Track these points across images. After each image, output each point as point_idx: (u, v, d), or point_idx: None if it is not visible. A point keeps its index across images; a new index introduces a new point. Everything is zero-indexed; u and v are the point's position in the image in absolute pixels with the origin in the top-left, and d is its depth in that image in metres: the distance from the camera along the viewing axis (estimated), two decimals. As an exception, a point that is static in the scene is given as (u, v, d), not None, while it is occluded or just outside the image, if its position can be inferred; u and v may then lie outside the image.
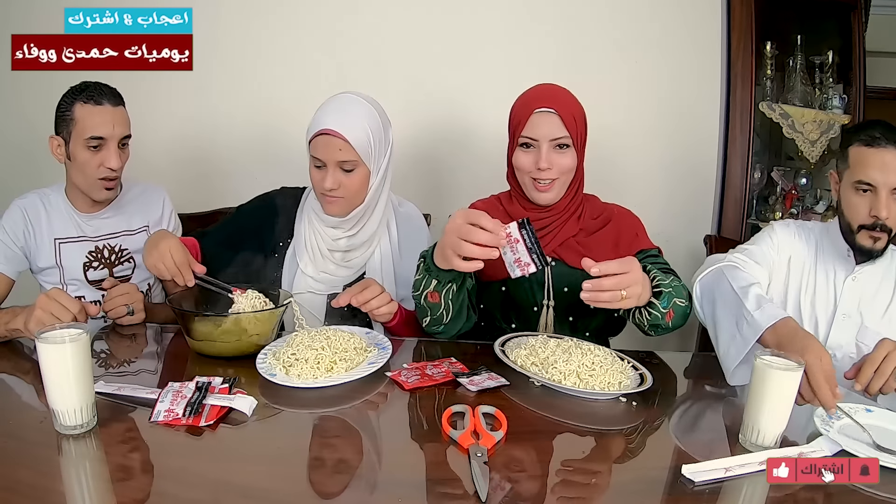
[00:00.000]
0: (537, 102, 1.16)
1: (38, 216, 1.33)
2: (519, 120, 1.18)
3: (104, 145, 1.26)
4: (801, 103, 2.07)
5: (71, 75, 1.47)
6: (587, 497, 0.70)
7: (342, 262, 1.28)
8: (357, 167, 1.18)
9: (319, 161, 1.18)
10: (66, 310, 0.99)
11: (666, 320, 1.06)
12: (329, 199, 1.20)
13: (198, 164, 1.91)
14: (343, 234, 1.26)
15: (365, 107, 1.20)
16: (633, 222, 1.29)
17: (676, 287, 1.08)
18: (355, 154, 1.16)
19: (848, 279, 1.23)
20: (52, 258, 1.32)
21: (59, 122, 1.27)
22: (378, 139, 1.20)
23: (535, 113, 1.15)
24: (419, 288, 1.10)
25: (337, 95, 1.21)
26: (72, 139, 1.26)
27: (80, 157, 1.26)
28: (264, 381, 0.92)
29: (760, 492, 0.71)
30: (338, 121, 1.15)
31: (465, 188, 1.93)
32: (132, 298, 1.18)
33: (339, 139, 1.15)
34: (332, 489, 0.69)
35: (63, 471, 0.70)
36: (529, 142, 1.17)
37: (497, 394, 0.93)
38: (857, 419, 0.84)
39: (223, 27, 1.87)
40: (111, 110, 1.27)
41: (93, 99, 1.25)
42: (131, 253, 1.39)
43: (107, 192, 1.32)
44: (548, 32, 1.94)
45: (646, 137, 2.00)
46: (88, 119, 1.25)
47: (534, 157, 1.17)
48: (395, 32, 1.91)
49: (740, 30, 1.98)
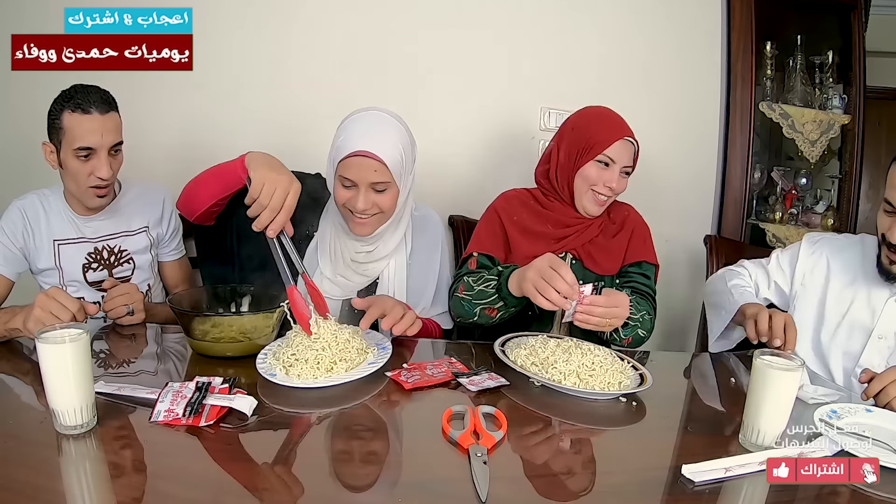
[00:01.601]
0: (625, 131, 1.31)
1: (37, 217, 1.32)
2: (602, 139, 1.29)
3: (94, 155, 1.23)
4: (801, 103, 2.07)
5: (71, 75, 1.47)
6: (587, 497, 0.70)
7: (359, 270, 1.27)
8: (389, 187, 1.15)
9: (350, 181, 1.13)
10: (65, 308, 0.98)
11: (623, 343, 1.21)
12: (360, 221, 1.17)
13: (197, 165, 1.90)
14: (364, 248, 1.24)
15: (395, 125, 1.17)
16: (640, 232, 1.39)
17: (643, 321, 1.21)
18: (389, 174, 1.13)
19: (890, 300, 1.17)
20: (51, 259, 1.32)
21: (50, 128, 1.25)
22: (408, 157, 1.18)
23: (622, 140, 1.29)
24: (480, 298, 1.21)
25: (362, 115, 1.18)
26: (62, 148, 1.23)
27: (70, 165, 1.24)
28: (264, 381, 0.91)
29: (760, 492, 0.71)
30: (371, 142, 1.11)
31: (467, 188, 1.94)
32: (132, 298, 1.18)
33: (374, 160, 1.11)
34: (332, 489, 0.69)
35: (63, 471, 0.70)
36: (609, 161, 1.29)
37: (497, 394, 0.93)
38: (858, 419, 0.84)
39: (223, 27, 1.87)
40: (100, 118, 1.22)
41: (80, 107, 1.21)
42: (131, 254, 1.39)
43: (99, 199, 1.29)
44: (548, 35, 1.94)
45: (645, 137, 1.99)
46: (77, 129, 1.21)
47: (608, 176, 1.30)
48: (395, 32, 1.91)
49: (740, 30, 1.98)
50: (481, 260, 1.32)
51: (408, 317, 1.11)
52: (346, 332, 1.00)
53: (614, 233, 1.36)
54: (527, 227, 1.35)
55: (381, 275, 1.28)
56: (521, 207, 1.38)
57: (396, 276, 1.29)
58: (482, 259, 1.32)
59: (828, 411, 0.87)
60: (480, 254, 1.32)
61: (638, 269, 1.35)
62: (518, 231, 1.35)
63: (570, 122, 1.37)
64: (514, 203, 1.39)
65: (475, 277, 1.24)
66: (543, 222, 1.35)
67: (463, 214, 1.86)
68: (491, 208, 1.41)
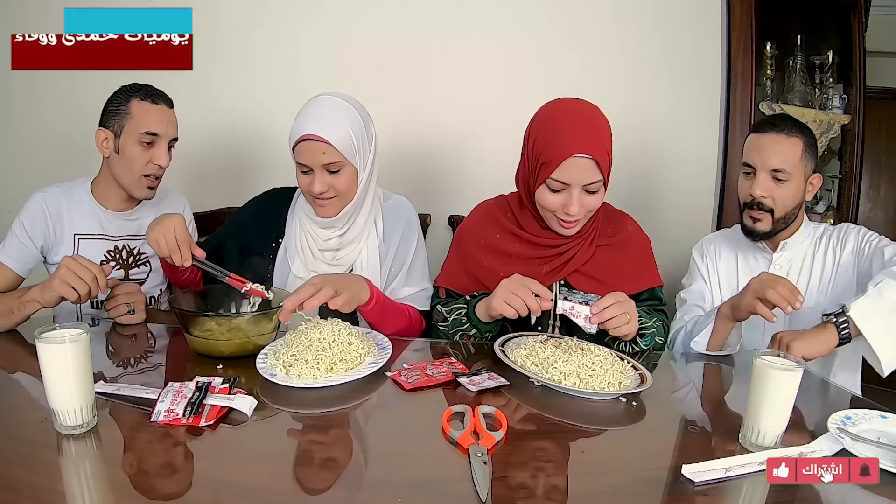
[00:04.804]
0: (574, 146, 1.07)
1: (58, 210, 1.33)
2: (549, 159, 1.09)
3: (156, 142, 1.30)
4: (801, 103, 2.07)
5: (71, 75, 1.47)
6: (587, 497, 0.70)
7: (333, 261, 1.28)
8: (343, 167, 1.18)
9: (305, 166, 1.19)
10: (87, 270, 1.05)
11: None
12: (320, 203, 1.21)
13: (197, 164, 1.91)
14: (334, 234, 1.27)
15: (343, 106, 1.19)
16: (645, 255, 1.29)
17: (658, 328, 1.19)
18: (339, 155, 1.16)
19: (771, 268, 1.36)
20: (70, 253, 1.33)
21: (111, 116, 1.30)
22: (360, 136, 1.20)
23: (571, 158, 1.07)
24: (456, 327, 1.20)
25: (313, 99, 1.21)
26: (124, 133, 1.29)
27: (130, 151, 1.29)
28: (264, 381, 0.92)
29: (760, 492, 0.71)
30: (317, 125, 1.15)
31: (467, 188, 1.94)
32: (133, 298, 1.19)
33: (321, 143, 1.15)
34: (333, 489, 0.69)
35: (63, 471, 0.70)
36: (560, 186, 1.11)
37: (497, 394, 0.93)
38: (873, 426, 0.84)
39: (223, 27, 1.87)
40: (166, 111, 1.32)
41: (150, 97, 1.30)
42: (148, 257, 1.41)
43: (149, 190, 1.34)
44: (548, 32, 1.94)
45: (645, 137, 2.00)
46: (146, 115, 1.28)
47: (562, 200, 1.12)
48: (395, 31, 1.91)
49: (740, 30, 1.98)
50: (450, 294, 1.30)
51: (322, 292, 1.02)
52: (346, 333, 1.00)
53: (617, 249, 1.24)
54: (499, 248, 1.25)
55: (355, 264, 1.29)
56: (492, 227, 1.28)
57: (370, 261, 1.29)
58: (450, 293, 1.30)
59: (842, 417, 0.87)
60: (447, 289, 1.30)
61: (649, 295, 1.27)
62: (489, 254, 1.25)
63: (532, 121, 1.20)
64: (482, 222, 1.30)
65: (448, 308, 1.23)
66: (517, 241, 1.24)
67: (462, 214, 1.86)
68: (458, 232, 1.34)
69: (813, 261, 1.35)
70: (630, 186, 1.93)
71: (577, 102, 1.16)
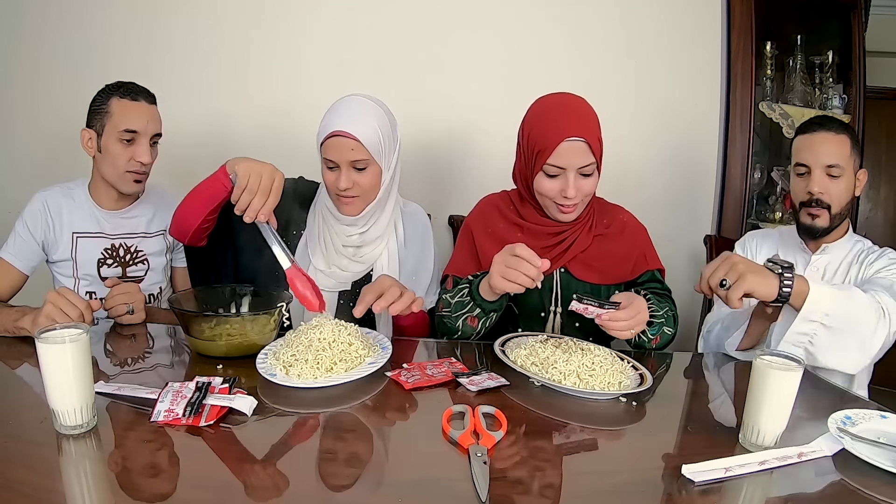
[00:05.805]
0: (566, 130, 1.14)
1: (59, 208, 1.35)
2: (545, 146, 1.16)
3: (136, 139, 1.30)
4: (801, 103, 2.07)
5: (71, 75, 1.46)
6: (587, 497, 0.70)
7: (354, 257, 1.29)
8: (369, 165, 1.20)
9: (332, 163, 1.19)
10: (73, 306, 1.03)
11: (651, 344, 1.17)
12: (345, 200, 1.22)
13: (197, 164, 1.91)
14: (357, 231, 1.27)
15: (372, 106, 1.22)
16: (642, 240, 1.32)
17: (668, 317, 1.18)
18: (367, 153, 1.18)
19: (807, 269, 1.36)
20: (68, 251, 1.34)
21: (94, 115, 1.31)
22: (387, 136, 1.22)
23: (565, 142, 1.14)
24: (459, 310, 1.17)
25: (343, 99, 1.22)
26: (105, 132, 1.30)
27: (112, 149, 1.30)
28: (264, 381, 0.92)
29: (760, 492, 0.71)
30: (347, 122, 1.17)
31: (467, 187, 1.94)
32: (133, 298, 1.19)
33: (350, 139, 1.16)
34: (333, 489, 0.69)
35: (63, 471, 0.70)
36: (556, 171, 1.17)
37: (497, 394, 0.93)
38: (872, 425, 0.84)
39: (223, 27, 1.87)
40: (146, 107, 1.32)
41: (129, 94, 1.30)
42: (146, 255, 1.41)
43: (136, 184, 1.34)
44: (548, 31, 1.94)
45: (646, 137, 2.00)
46: (124, 113, 1.29)
47: (560, 185, 1.18)
48: (396, 30, 1.91)
49: (740, 30, 1.98)
50: (457, 281, 1.29)
51: (406, 296, 1.12)
52: (346, 333, 1.00)
53: (607, 240, 1.28)
54: (503, 237, 1.27)
55: (375, 264, 1.30)
56: (497, 216, 1.32)
57: (390, 263, 1.31)
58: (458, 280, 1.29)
59: (842, 417, 0.86)
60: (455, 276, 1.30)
61: (649, 277, 1.29)
62: (495, 243, 1.26)
63: (524, 118, 1.26)
64: (488, 212, 1.34)
65: (451, 293, 1.22)
66: (520, 231, 1.29)
67: (462, 214, 1.86)
68: (465, 224, 1.37)
69: (847, 272, 1.34)
70: (630, 186, 1.93)
71: (565, 94, 1.22)
